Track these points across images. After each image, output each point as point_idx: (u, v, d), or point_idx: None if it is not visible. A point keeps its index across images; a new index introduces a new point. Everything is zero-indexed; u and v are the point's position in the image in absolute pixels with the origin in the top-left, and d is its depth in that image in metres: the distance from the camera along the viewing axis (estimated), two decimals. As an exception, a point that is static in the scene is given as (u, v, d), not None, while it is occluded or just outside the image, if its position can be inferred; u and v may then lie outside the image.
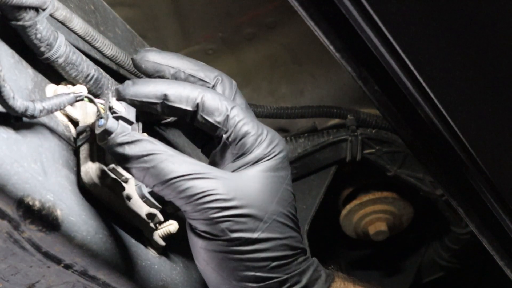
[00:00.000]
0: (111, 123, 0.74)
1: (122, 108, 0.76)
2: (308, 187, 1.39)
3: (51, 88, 0.77)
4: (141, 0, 1.37)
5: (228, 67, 1.46)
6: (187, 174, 0.76)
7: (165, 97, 0.80)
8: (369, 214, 1.47)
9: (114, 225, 0.78)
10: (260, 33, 1.43)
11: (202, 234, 0.79)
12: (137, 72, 0.89)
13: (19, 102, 0.66)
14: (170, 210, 0.86)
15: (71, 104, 0.74)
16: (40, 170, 0.70)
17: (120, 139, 0.75)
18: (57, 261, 0.72)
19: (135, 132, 0.76)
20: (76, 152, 0.77)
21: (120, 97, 0.79)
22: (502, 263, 0.89)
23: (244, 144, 0.82)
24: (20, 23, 0.70)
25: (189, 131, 0.91)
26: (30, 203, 0.67)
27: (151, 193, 0.82)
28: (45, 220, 0.68)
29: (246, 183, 0.80)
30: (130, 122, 0.76)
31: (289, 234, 0.82)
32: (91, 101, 0.75)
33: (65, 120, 0.78)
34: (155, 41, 1.15)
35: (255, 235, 0.79)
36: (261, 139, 0.82)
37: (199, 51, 1.45)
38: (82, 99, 0.75)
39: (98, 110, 0.75)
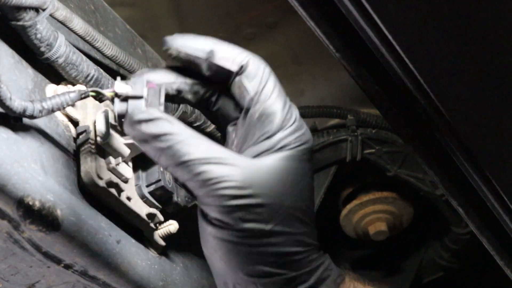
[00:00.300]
0: (118, 107, 0.72)
1: (127, 88, 0.73)
2: (308, 187, 1.38)
3: (51, 88, 0.77)
4: (141, 0, 1.37)
5: (228, 67, 1.46)
6: (203, 158, 0.73)
7: (211, 53, 0.78)
8: (369, 214, 1.47)
9: (114, 225, 0.78)
10: (260, 33, 1.43)
11: (213, 221, 0.75)
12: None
13: (16, 103, 0.66)
14: (170, 210, 0.86)
15: (76, 101, 0.72)
16: (40, 170, 0.70)
17: (137, 117, 0.71)
18: (57, 261, 0.72)
19: (154, 110, 0.73)
20: (76, 152, 0.77)
21: (166, 47, 0.77)
22: (502, 263, 0.89)
23: (269, 122, 0.78)
24: (20, 23, 0.70)
25: (211, 114, 0.84)
26: (30, 203, 0.67)
27: (151, 193, 0.82)
28: (45, 220, 0.68)
29: (265, 172, 0.76)
30: (139, 97, 0.72)
31: (303, 230, 0.79)
32: (98, 93, 0.73)
33: (65, 120, 0.78)
34: (155, 41, 1.15)
35: (268, 227, 0.75)
36: (288, 124, 0.79)
37: (199, 51, 1.45)
38: (88, 96, 0.73)
39: (108, 99, 0.73)
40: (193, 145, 0.73)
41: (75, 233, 0.71)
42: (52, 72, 0.77)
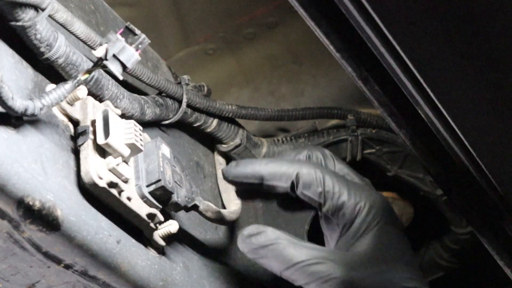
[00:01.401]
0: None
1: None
2: (308, 187, 1.38)
3: (51, 88, 0.77)
4: (141, 0, 1.37)
5: (228, 67, 1.46)
6: (309, 259, 0.83)
7: (262, 177, 0.88)
8: (369, 214, 1.47)
9: (114, 225, 0.78)
10: (260, 33, 1.43)
11: None
12: (140, 75, 0.90)
13: (18, 102, 0.66)
14: (170, 210, 0.86)
15: (72, 91, 0.72)
16: (40, 170, 0.70)
17: (247, 232, 0.84)
18: (57, 261, 0.72)
19: (260, 225, 0.84)
20: (76, 152, 0.77)
21: (225, 178, 0.91)
22: (502, 263, 0.89)
23: (344, 215, 0.88)
24: (20, 23, 0.70)
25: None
26: (30, 203, 0.67)
27: (151, 193, 0.82)
28: (45, 220, 0.68)
29: (357, 262, 0.85)
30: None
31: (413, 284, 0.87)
32: (89, 72, 0.73)
33: (65, 120, 0.78)
34: (155, 41, 1.15)
35: None
36: (360, 208, 0.88)
37: (199, 51, 1.45)
38: (80, 84, 0.73)
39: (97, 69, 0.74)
40: (297, 248, 0.84)
41: (75, 233, 0.71)
42: (52, 72, 0.77)
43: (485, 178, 0.77)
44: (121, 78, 0.72)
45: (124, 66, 0.71)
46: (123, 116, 0.85)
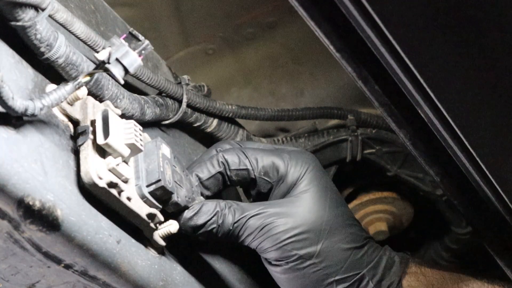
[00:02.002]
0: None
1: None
2: (308, 187, 1.38)
3: (51, 88, 0.77)
4: (141, 0, 1.37)
5: (228, 67, 1.46)
6: (241, 218, 0.88)
7: (199, 178, 0.92)
8: (369, 214, 1.47)
9: (114, 225, 0.78)
10: (260, 33, 1.43)
11: (276, 263, 0.89)
12: (140, 75, 0.90)
13: (18, 102, 0.66)
14: (170, 210, 0.86)
15: (72, 92, 0.73)
16: (40, 170, 0.70)
17: (187, 214, 0.87)
18: (57, 261, 0.72)
19: (195, 203, 0.88)
20: (76, 152, 0.77)
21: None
22: (502, 263, 0.89)
23: (277, 171, 0.91)
24: (20, 23, 0.70)
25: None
26: (30, 203, 0.67)
27: (151, 193, 0.82)
28: (45, 220, 0.68)
29: (294, 205, 0.89)
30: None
31: (350, 230, 0.90)
32: (91, 75, 0.74)
33: (65, 120, 0.78)
34: (155, 41, 1.15)
35: (319, 246, 0.88)
36: (288, 160, 0.92)
37: (199, 51, 1.45)
38: (81, 86, 0.73)
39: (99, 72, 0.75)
40: (231, 211, 0.88)
41: (75, 233, 0.71)
42: (52, 72, 0.77)
43: (485, 178, 0.77)
44: (122, 82, 0.73)
45: (126, 71, 0.72)
46: (123, 116, 0.85)
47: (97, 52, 0.79)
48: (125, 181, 0.79)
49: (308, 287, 0.90)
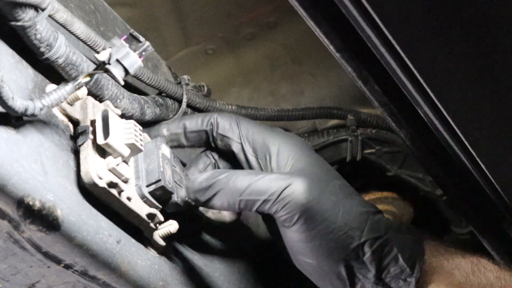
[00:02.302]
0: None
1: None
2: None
3: (51, 88, 0.77)
4: (141, 0, 1.37)
5: (228, 67, 1.46)
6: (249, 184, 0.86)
7: (184, 125, 0.93)
8: (369, 214, 1.47)
9: (114, 225, 0.78)
10: (260, 33, 1.43)
11: (301, 229, 0.85)
12: (140, 76, 0.90)
13: (18, 102, 0.66)
14: (170, 210, 0.86)
15: (72, 92, 0.73)
16: (40, 170, 0.70)
17: (193, 186, 0.86)
18: (57, 261, 0.72)
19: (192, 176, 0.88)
20: (76, 152, 0.77)
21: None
22: (502, 263, 0.89)
23: (266, 148, 0.90)
24: (20, 23, 0.70)
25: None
26: (30, 203, 0.67)
27: (151, 193, 0.82)
28: (45, 220, 0.68)
29: (296, 174, 0.87)
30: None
31: (359, 198, 0.89)
32: (91, 76, 0.74)
33: (65, 120, 0.78)
34: (155, 41, 1.15)
35: (341, 209, 0.86)
36: (278, 138, 0.90)
37: (199, 51, 1.45)
38: (81, 86, 0.73)
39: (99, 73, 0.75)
40: (240, 178, 0.86)
41: (75, 233, 0.71)
42: (52, 72, 0.77)
43: (485, 178, 0.77)
44: (122, 83, 0.73)
45: (126, 72, 0.72)
46: (123, 116, 0.85)
47: (97, 52, 0.79)
48: (125, 181, 0.79)
49: (335, 253, 0.86)
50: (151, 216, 0.82)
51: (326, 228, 0.85)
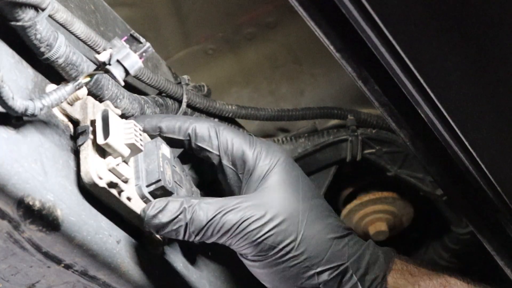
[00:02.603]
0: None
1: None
2: (308, 187, 1.38)
3: (51, 88, 0.77)
4: (141, 0, 1.37)
5: (228, 67, 1.46)
6: (216, 214, 0.81)
7: (160, 130, 0.88)
8: (369, 214, 1.47)
9: (114, 225, 0.78)
10: (260, 33, 1.43)
11: (254, 258, 0.85)
12: (140, 76, 0.90)
13: (18, 102, 0.66)
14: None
15: (72, 93, 0.73)
16: (40, 170, 0.70)
17: (150, 212, 0.80)
18: (57, 261, 0.72)
19: (158, 200, 0.81)
20: (76, 152, 0.77)
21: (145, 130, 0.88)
22: (502, 263, 0.89)
23: (245, 162, 0.87)
24: (20, 23, 0.70)
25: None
26: (30, 203, 0.67)
27: (151, 193, 0.82)
28: (45, 220, 0.68)
29: (268, 197, 0.85)
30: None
31: (327, 221, 0.87)
32: (91, 76, 0.74)
33: (65, 120, 0.78)
34: (155, 41, 1.15)
35: (298, 237, 0.84)
36: (258, 152, 0.88)
37: (199, 51, 1.45)
38: (82, 87, 0.73)
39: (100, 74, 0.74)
40: (203, 208, 0.82)
41: (75, 233, 0.71)
42: (52, 72, 0.77)
43: (485, 178, 0.77)
44: (122, 84, 0.73)
45: (127, 72, 0.72)
46: (123, 116, 0.85)
47: (97, 52, 0.79)
48: (125, 181, 0.79)
49: (290, 281, 0.86)
50: (151, 216, 0.82)
51: (280, 257, 0.84)
